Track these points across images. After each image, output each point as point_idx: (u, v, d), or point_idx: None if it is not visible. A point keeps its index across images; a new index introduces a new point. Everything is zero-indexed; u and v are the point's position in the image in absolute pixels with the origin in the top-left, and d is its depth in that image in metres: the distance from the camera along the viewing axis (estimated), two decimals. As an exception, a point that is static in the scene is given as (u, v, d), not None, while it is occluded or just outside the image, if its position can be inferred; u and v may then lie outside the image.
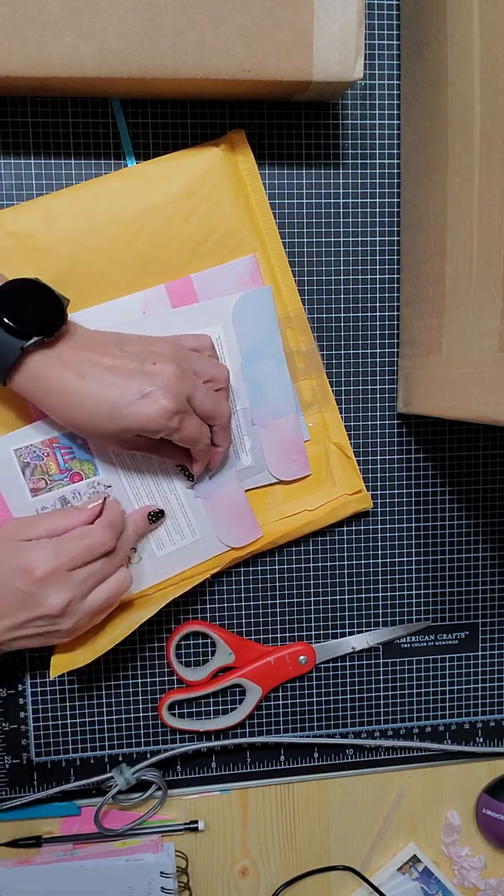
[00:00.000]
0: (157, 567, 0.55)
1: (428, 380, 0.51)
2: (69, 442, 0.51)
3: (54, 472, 0.51)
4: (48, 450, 0.51)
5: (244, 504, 0.55)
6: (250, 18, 0.45)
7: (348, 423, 0.58)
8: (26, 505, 0.51)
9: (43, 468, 0.51)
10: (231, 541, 0.55)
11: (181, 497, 0.54)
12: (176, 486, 0.54)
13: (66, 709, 0.57)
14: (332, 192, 0.56)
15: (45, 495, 0.51)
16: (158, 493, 0.54)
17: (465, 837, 0.63)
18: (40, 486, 0.51)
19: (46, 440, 0.51)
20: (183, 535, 0.55)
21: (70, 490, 0.52)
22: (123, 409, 0.45)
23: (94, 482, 0.52)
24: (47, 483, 0.51)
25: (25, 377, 0.45)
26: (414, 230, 0.54)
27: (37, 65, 0.45)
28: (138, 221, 0.51)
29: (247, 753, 0.60)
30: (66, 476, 0.52)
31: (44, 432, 0.51)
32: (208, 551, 0.55)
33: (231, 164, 0.53)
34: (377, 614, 0.60)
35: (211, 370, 0.50)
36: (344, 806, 0.62)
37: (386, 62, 0.55)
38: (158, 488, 0.54)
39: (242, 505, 0.55)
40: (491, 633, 0.62)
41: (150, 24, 0.44)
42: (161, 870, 0.56)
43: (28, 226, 0.51)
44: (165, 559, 0.55)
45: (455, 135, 0.46)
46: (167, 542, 0.55)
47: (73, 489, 0.52)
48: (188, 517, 0.55)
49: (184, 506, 0.54)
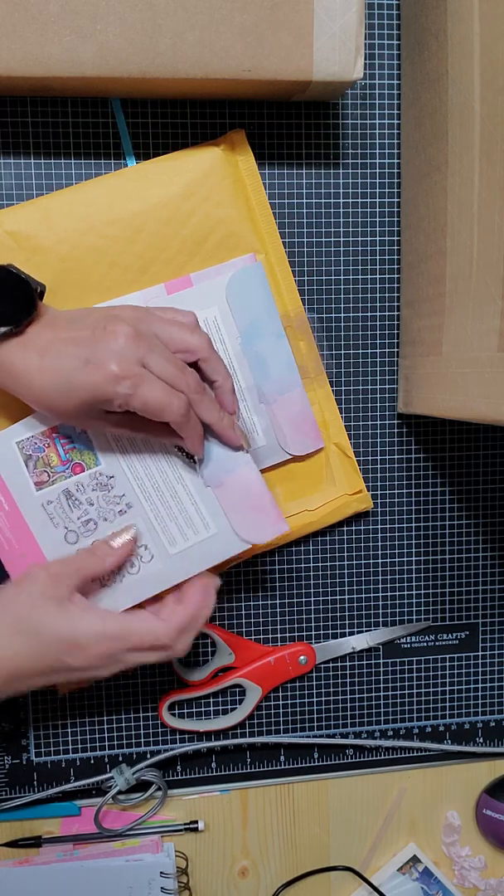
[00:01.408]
0: (171, 568, 0.51)
1: (428, 380, 0.51)
2: (68, 431, 0.50)
3: (56, 464, 0.50)
4: (48, 440, 0.50)
5: (262, 491, 0.51)
6: (250, 18, 0.45)
7: (348, 423, 0.58)
8: (32, 500, 0.50)
9: (45, 460, 0.50)
10: (251, 536, 0.51)
11: (189, 486, 0.50)
12: (182, 473, 0.50)
13: (66, 709, 0.57)
14: (332, 192, 0.56)
15: (48, 489, 0.50)
16: (164, 482, 0.50)
17: (465, 837, 0.63)
18: (44, 480, 0.50)
19: (46, 430, 0.50)
20: (196, 529, 0.51)
21: (74, 482, 0.50)
22: (73, 380, 0.42)
23: (95, 473, 0.50)
24: (50, 476, 0.50)
25: None
26: (414, 230, 0.54)
27: (37, 65, 0.45)
28: (138, 221, 0.51)
29: (247, 753, 0.60)
30: (67, 468, 0.50)
31: (43, 422, 0.50)
32: (227, 549, 0.51)
33: (231, 164, 0.53)
34: (377, 614, 0.60)
35: (182, 337, 0.46)
36: (344, 806, 0.62)
37: (386, 62, 0.55)
38: (163, 477, 0.50)
39: (261, 493, 0.51)
40: (491, 633, 0.62)
41: (150, 24, 0.44)
42: (161, 870, 0.56)
43: (28, 226, 0.50)
44: (179, 558, 0.51)
45: (455, 135, 0.46)
46: (179, 539, 0.51)
47: (77, 481, 0.50)
48: (199, 510, 0.51)
49: (193, 496, 0.51)
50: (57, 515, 0.50)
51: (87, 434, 0.50)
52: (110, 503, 0.51)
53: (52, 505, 0.50)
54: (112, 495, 0.51)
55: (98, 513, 0.51)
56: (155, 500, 0.51)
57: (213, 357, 0.47)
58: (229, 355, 0.53)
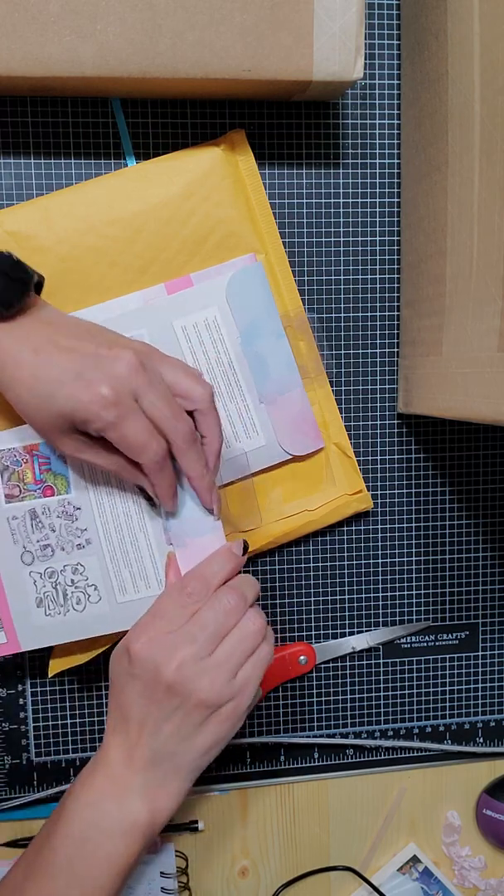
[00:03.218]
0: (116, 615, 0.50)
1: (428, 380, 0.51)
2: (48, 451, 0.49)
3: (29, 482, 0.49)
4: (27, 456, 0.49)
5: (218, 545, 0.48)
6: (250, 18, 0.45)
7: (348, 423, 0.58)
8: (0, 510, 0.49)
9: (20, 475, 0.49)
10: None
11: (150, 539, 0.49)
12: (147, 523, 0.48)
13: (66, 709, 0.57)
14: (332, 192, 0.56)
15: (17, 504, 0.49)
16: (127, 526, 0.49)
17: (465, 837, 0.63)
18: (14, 494, 0.49)
19: (27, 446, 0.49)
20: (148, 584, 0.49)
21: (41, 504, 0.49)
22: (59, 390, 0.41)
23: (64, 500, 0.49)
24: (21, 491, 0.49)
25: None
26: (414, 230, 0.54)
27: (37, 65, 0.45)
28: (138, 221, 0.51)
29: (247, 753, 0.60)
30: (39, 488, 0.49)
31: (28, 437, 0.49)
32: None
33: (231, 164, 0.53)
34: (377, 614, 0.60)
35: (188, 383, 0.44)
36: (344, 806, 0.62)
37: (386, 62, 0.55)
38: (127, 521, 0.49)
39: (215, 544, 0.48)
40: (491, 633, 0.62)
41: (150, 24, 0.44)
42: (161, 870, 0.56)
43: (28, 226, 0.50)
44: (125, 608, 0.49)
45: (455, 135, 0.46)
46: (130, 588, 0.49)
47: (44, 504, 0.49)
48: (156, 565, 0.49)
49: (152, 549, 0.49)
50: (18, 532, 0.49)
51: (64, 458, 0.49)
52: (71, 534, 0.49)
53: (17, 521, 0.49)
54: (75, 527, 0.49)
55: (57, 541, 0.49)
56: (114, 542, 0.49)
57: (211, 412, 0.45)
58: (229, 355, 0.53)
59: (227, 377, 0.54)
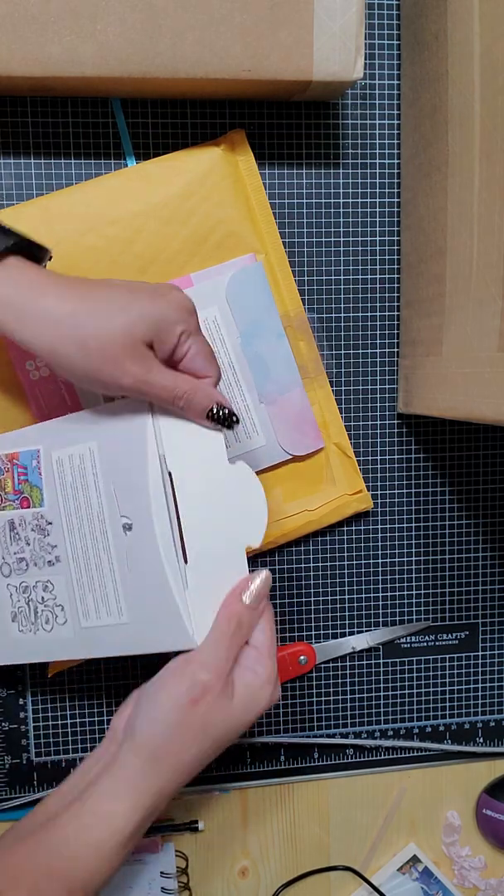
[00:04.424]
0: (79, 640, 0.47)
1: (428, 380, 0.51)
2: (26, 462, 0.47)
3: (9, 491, 0.47)
4: (9, 465, 0.47)
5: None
6: (250, 18, 0.45)
7: (348, 423, 0.58)
8: None
9: (1, 484, 0.48)
10: (161, 638, 0.45)
11: (114, 562, 0.45)
12: (111, 542, 0.45)
13: (66, 709, 0.57)
14: (332, 192, 0.56)
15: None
16: (92, 545, 0.46)
17: (465, 837, 0.63)
18: None
19: (9, 454, 0.47)
20: (109, 611, 0.46)
21: (19, 515, 0.47)
22: (134, 303, 0.40)
23: (38, 514, 0.47)
24: (2, 501, 0.48)
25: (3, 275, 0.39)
26: (414, 230, 0.54)
27: (37, 65, 0.45)
28: (138, 221, 0.51)
29: (247, 753, 0.60)
30: (17, 498, 0.47)
31: (9, 445, 0.47)
32: (137, 645, 0.46)
33: (231, 164, 0.53)
34: (377, 614, 0.60)
35: (210, 353, 0.44)
36: (344, 806, 0.62)
37: (386, 62, 0.55)
38: (93, 541, 0.46)
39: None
40: (491, 633, 0.62)
41: (150, 24, 0.44)
42: (161, 870, 0.56)
43: (28, 226, 0.50)
44: (88, 634, 0.47)
45: (455, 135, 0.46)
46: (92, 614, 0.46)
47: (21, 515, 0.47)
48: (118, 591, 0.45)
49: (115, 576, 0.45)
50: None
51: (40, 469, 0.47)
52: (43, 549, 0.47)
53: None
54: (46, 542, 0.47)
55: (31, 555, 0.47)
56: (80, 563, 0.46)
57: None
58: (229, 355, 0.53)
59: (227, 377, 0.54)
